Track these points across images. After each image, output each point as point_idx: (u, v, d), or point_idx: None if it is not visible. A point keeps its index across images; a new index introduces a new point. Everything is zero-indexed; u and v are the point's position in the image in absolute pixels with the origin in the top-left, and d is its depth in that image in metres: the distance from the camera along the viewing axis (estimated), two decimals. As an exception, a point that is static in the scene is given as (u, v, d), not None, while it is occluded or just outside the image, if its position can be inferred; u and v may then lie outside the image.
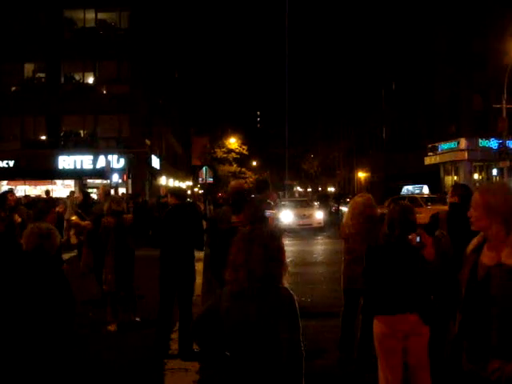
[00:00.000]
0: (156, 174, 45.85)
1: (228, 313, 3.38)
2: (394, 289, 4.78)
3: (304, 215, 29.00)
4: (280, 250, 3.42)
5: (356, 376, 6.69)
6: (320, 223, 28.95)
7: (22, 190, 36.29)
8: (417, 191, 33.27)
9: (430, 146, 42.57)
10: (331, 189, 73.11)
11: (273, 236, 3.42)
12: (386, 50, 49.89)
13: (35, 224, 4.93)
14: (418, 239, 4.58)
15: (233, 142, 74.14)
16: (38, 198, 25.22)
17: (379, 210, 7.17)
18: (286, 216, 27.10)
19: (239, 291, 3.33)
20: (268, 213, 7.33)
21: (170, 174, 52.85)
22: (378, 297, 4.90)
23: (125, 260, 9.07)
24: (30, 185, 37.83)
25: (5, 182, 38.49)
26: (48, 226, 4.89)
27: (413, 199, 26.72)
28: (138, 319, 9.39)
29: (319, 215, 29.67)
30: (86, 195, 13.70)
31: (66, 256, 11.63)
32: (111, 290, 9.05)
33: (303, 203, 33.57)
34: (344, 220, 7.27)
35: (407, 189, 34.96)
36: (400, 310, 4.76)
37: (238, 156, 74.31)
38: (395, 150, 48.57)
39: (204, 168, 36.14)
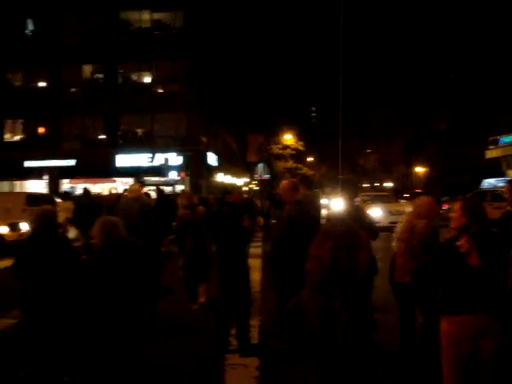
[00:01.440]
0: (213, 170, 46.11)
1: (309, 305, 3.30)
2: (467, 288, 4.57)
3: (398, 211, 24.46)
4: (363, 245, 3.32)
5: (419, 376, 6.49)
6: None
7: (82, 188, 37.09)
8: (500, 184, 29.47)
9: (491, 139, 41.41)
10: (388, 184, 72.16)
11: (355, 231, 3.32)
12: (444, 42, 48.86)
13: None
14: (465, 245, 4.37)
15: (288, 138, 73.85)
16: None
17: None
18: (376, 213, 24.21)
19: (321, 283, 3.26)
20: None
21: (226, 171, 53.05)
22: (450, 296, 4.69)
23: (202, 247, 9.96)
24: (89, 183, 38.61)
25: (67, 181, 39.59)
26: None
27: (495, 194, 24.36)
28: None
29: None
30: (161, 193, 13.88)
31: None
32: (186, 274, 10.05)
33: (388, 198, 31.00)
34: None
35: (488, 182, 31.57)
36: (473, 310, 4.56)
37: (294, 152, 73.98)
38: (455, 144, 47.56)
39: (260, 164, 36.15)
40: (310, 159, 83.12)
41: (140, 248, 8.99)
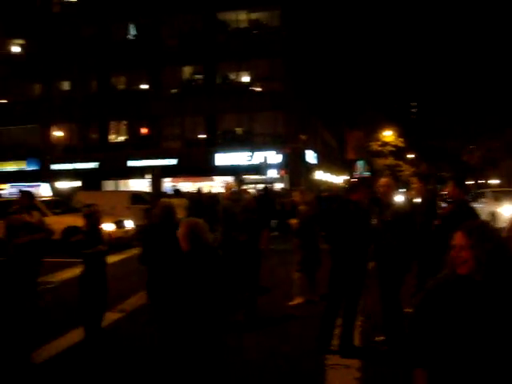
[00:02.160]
0: (312, 168, 45.85)
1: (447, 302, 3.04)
2: None
3: None
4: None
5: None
6: None
7: (183, 186, 37.92)
8: None
9: None
10: (494, 181, 69.25)
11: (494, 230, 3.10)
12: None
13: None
14: None
15: (388, 135, 72.40)
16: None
17: None
18: (509, 210, 21.65)
19: (464, 277, 2.99)
20: None
21: (325, 169, 52.65)
22: None
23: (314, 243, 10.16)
24: (190, 181, 39.28)
25: (168, 179, 40.50)
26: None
27: None
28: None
29: None
30: (266, 190, 13.92)
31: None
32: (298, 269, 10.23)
33: None
34: None
35: None
36: None
37: (394, 149, 72.47)
38: None
39: (360, 162, 35.54)
40: (410, 156, 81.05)
41: (244, 242, 9.02)
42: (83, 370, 6.99)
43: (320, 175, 49.52)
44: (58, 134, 45.30)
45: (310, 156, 44.72)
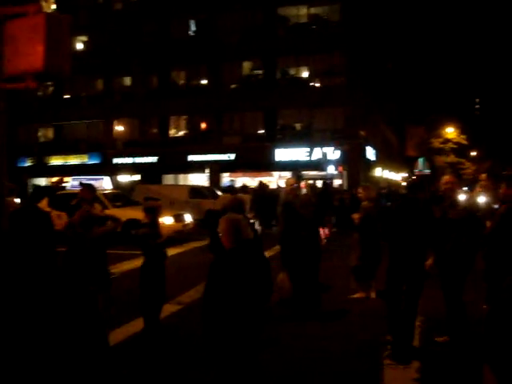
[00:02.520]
0: (371, 165, 45.25)
1: None
2: None
3: None
4: None
5: None
6: None
7: (242, 181, 38.00)
8: None
9: None
10: None
11: None
12: None
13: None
14: None
15: (450, 132, 70.75)
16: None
17: None
18: None
19: None
20: None
21: (384, 165, 51.91)
22: None
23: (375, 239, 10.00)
24: (248, 176, 39.32)
25: (226, 174, 40.76)
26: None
27: None
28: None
29: None
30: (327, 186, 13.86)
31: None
32: (357, 264, 10.28)
33: None
34: None
35: None
36: None
37: (456, 146, 70.79)
38: None
39: (421, 159, 34.82)
40: (473, 153, 79.00)
41: (305, 237, 8.98)
42: (140, 360, 7.05)
43: (379, 172, 48.82)
44: (119, 128, 46.14)
45: (370, 152, 44.14)
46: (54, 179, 36.19)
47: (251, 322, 4.51)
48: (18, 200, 11.62)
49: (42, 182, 43.61)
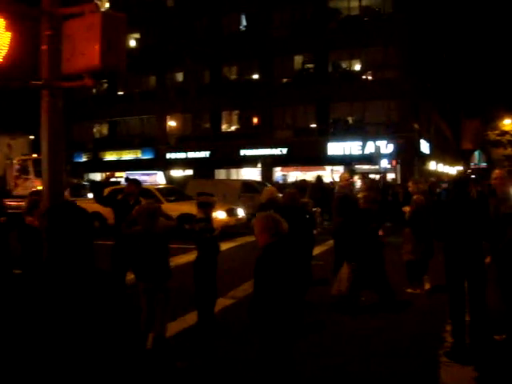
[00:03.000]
0: (425, 158, 44.51)
1: None
2: None
3: None
4: None
5: None
6: None
7: (294, 175, 37.87)
8: None
9: None
10: None
11: None
12: None
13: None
14: None
15: (507, 124, 68.91)
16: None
17: None
18: None
19: None
20: None
21: (438, 159, 50.99)
22: None
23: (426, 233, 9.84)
24: (301, 171, 39.22)
25: (278, 169, 40.78)
26: None
27: None
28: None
29: None
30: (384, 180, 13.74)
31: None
32: (410, 259, 10.28)
33: None
34: None
35: None
36: None
37: (514, 138, 68.89)
38: None
39: (477, 152, 34.08)
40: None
41: (374, 229, 9.30)
42: (194, 353, 7.14)
43: (433, 166, 47.98)
44: (171, 123, 46.66)
45: (424, 146, 43.41)
46: (106, 174, 36.88)
47: (294, 309, 4.65)
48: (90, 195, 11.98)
49: (97, 177, 44.52)
